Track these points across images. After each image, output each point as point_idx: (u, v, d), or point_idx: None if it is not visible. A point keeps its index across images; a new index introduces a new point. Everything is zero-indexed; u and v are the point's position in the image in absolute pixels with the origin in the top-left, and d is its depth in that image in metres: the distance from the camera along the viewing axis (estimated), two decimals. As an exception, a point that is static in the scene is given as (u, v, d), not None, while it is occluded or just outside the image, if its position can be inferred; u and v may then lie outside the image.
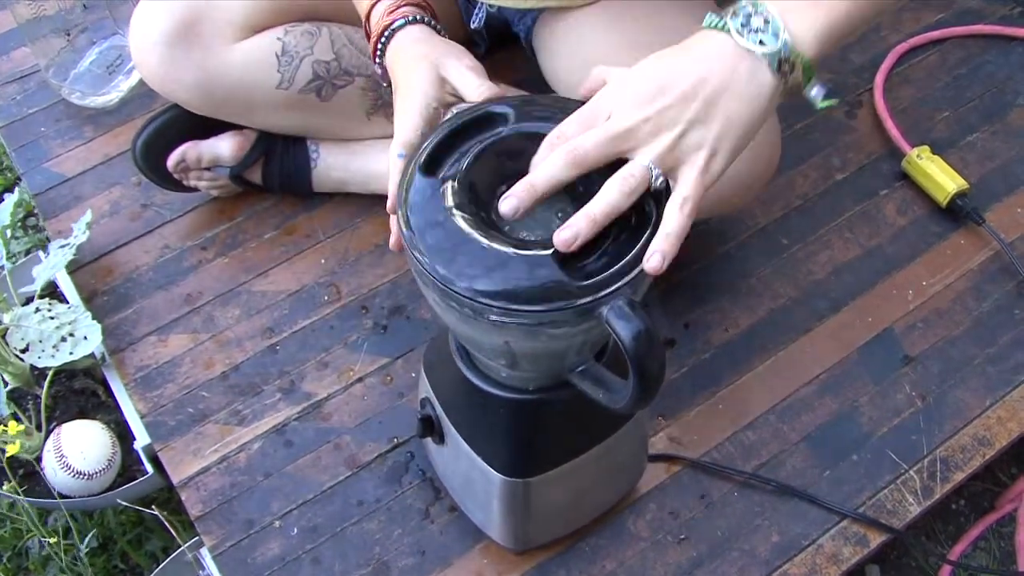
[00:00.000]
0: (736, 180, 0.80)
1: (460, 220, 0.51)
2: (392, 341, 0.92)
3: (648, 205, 0.53)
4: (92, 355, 0.90)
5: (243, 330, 0.93)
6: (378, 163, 0.98)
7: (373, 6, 0.67)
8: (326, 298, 0.95)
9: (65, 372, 0.92)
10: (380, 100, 0.94)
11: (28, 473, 0.88)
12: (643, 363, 0.49)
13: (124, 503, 0.86)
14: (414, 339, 0.92)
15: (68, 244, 0.92)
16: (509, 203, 0.51)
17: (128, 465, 0.89)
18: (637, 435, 0.77)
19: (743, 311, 0.94)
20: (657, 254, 0.52)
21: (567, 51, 0.87)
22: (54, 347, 0.87)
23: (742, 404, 0.89)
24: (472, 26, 0.97)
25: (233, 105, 0.91)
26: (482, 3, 0.95)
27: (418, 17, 0.66)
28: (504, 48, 1.04)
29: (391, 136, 0.93)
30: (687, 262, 0.98)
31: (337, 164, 0.98)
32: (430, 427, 0.73)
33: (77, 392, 0.92)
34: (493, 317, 0.50)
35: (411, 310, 0.94)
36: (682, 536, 0.81)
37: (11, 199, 0.97)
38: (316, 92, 0.90)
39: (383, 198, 0.99)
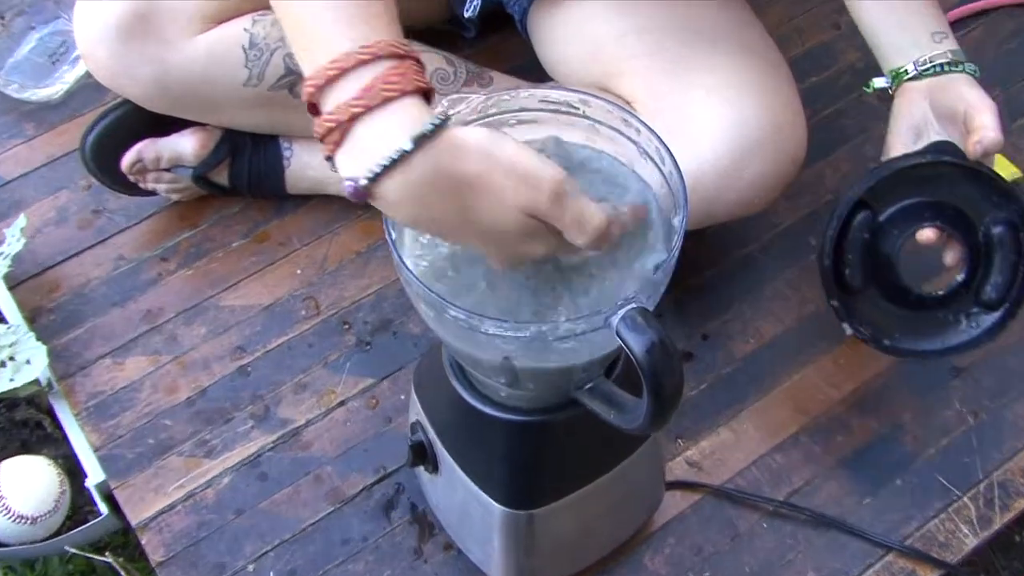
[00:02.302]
0: (758, 181, 0.82)
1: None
2: (377, 360, 0.94)
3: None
4: (36, 381, 0.91)
5: (210, 350, 0.95)
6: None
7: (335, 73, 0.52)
8: (303, 313, 0.97)
9: (5, 401, 0.93)
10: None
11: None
12: (658, 378, 0.51)
13: (73, 550, 0.87)
14: (402, 357, 0.94)
15: (1, 254, 0.93)
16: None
17: (79, 506, 0.90)
18: (653, 460, 0.79)
19: (768, 320, 0.97)
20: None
21: (567, 37, 0.90)
22: (-8, 373, 0.88)
23: (769, 424, 0.91)
24: (466, 14, 1.00)
25: (194, 103, 0.93)
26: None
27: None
28: (496, 32, 1.07)
29: None
30: (704, 267, 1.00)
31: (314, 163, 1.01)
32: (422, 454, 0.75)
33: (19, 424, 0.93)
34: (492, 330, 0.52)
35: (398, 325, 0.97)
36: (705, 574, 0.83)
37: (-61, 208, 0.99)
38: (289, 89, 0.92)
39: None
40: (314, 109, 0.52)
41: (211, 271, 1.00)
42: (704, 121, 0.81)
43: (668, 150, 0.57)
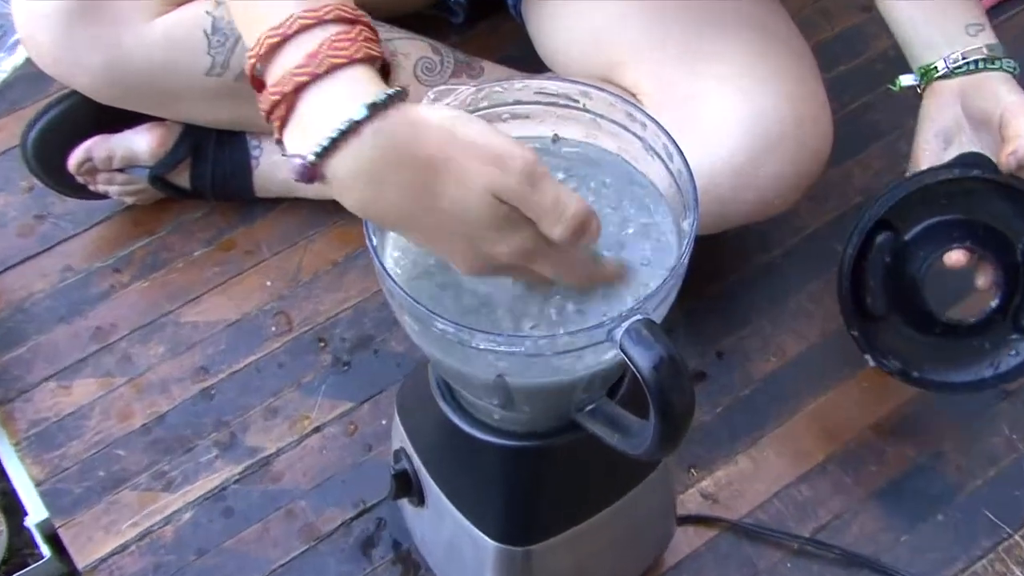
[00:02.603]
0: (777, 180, 0.84)
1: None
2: (356, 381, 0.96)
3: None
4: (-29, 407, 0.93)
5: (168, 371, 0.97)
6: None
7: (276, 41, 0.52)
8: (273, 329, 0.99)
9: (-63, 431, 0.94)
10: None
11: None
12: (666, 397, 0.53)
13: (11, 597, 0.88)
14: (384, 378, 0.96)
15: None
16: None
17: (17, 548, 0.91)
18: (663, 491, 0.81)
19: (790, 335, 0.99)
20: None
21: (567, 23, 0.92)
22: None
23: (793, 451, 0.93)
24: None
25: (151, 95, 0.94)
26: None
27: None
28: (487, 17, 1.09)
29: None
30: (719, 276, 1.03)
31: (284, 163, 1.03)
32: (406, 485, 0.77)
33: (-49, 457, 0.94)
34: (483, 344, 0.54)
35: (380, 342, 0.99)
36: (722, 618, 0.86)
37: None
38: None
39: (341, 204, 1.03)
40: (259, 84, 0.53)
41: (170, 283, 1.02)
42: (717, 114, 0.83)
43: (677, 146, 0.59)
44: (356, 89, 0.51)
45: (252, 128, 1.02)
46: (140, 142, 0.99)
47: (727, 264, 1.03)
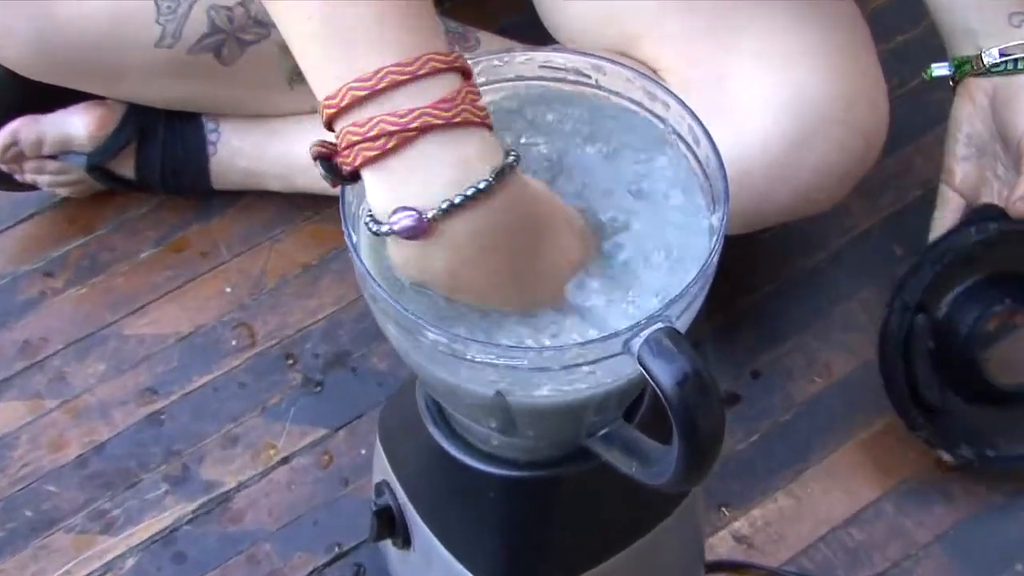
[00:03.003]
0: (823, 170, 0.86)
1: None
2: (331, 404, 0.98)
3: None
4: None
5: (110, 393, 0.98)
6: (305, 147, 1.03)
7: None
8: (234, 343, 1.01)
9: None
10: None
11: None
12: (691, 417, 0.54)
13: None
14: (363, 400, 0.98)
15: None
16: None
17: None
18: (689, 533, 0.82)
19: (838, 352, 1.01)
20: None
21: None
22: None
23: (843, 488, 0.94)
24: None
25: (89, 70, 0.96)
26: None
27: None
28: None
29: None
30: (755, 284, 1.04)
31: (247, 150, 1.05)
32: (389, 524, 0.78)
33: None
34: (480, 356, 0.56)
35: (358, 359, 1.00)
36: None
37: None
38: (214, 51, 0.96)
39: (313, 198, 1.06)
40: (343, 109, 0.52)
41: (112, 290, 1.04)
42: (750, 94, 0.85)
43: (704, 129, 0.61)
44: (485, 148, 0.53)
45: (208, 109, 1.03)
46: (76, 124, 1.01)
47: (763, 271, 1.05)
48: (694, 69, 0.87)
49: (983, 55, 0.87)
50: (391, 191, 0.53)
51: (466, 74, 0.54)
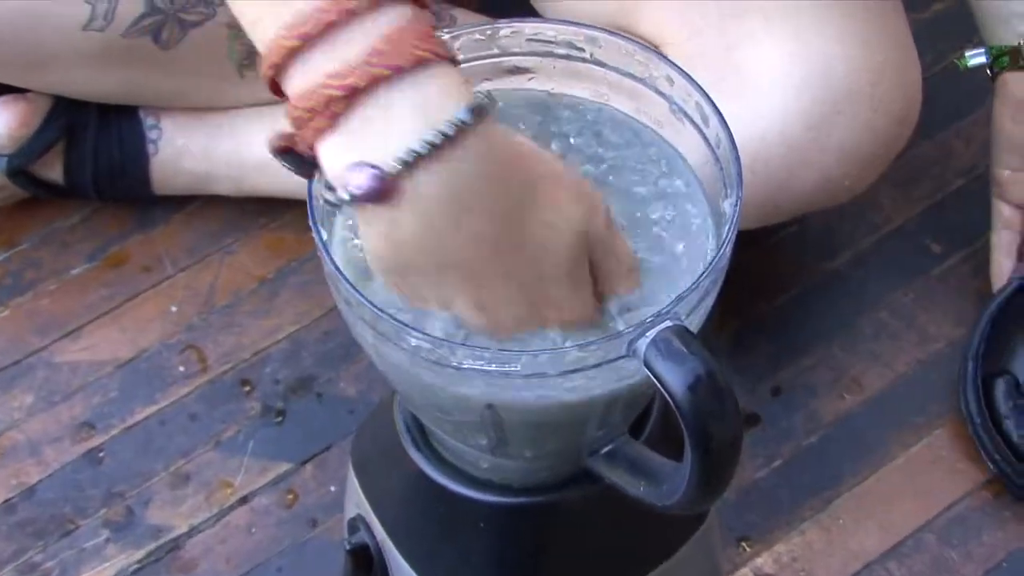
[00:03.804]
0: (847, 154, 0.87)
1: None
2: (294, 435, 0.99)
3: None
4: None
5: (40, 428, 0.99)
6: (260, 145, 1.04)
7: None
8: (182, 369, 1.02)
9: None
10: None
11: None
12: (705, 425, 0.55)
13: None
14: (332, 430, 0.99)
15: None
16: None
17: None
18: (705, 568, 0.83)
19: (870, 365, 1.02)
20: None
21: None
22: None
23: (879, 517, 0.96)
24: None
25: (6, 58, 0.96)
26: None
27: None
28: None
29: (275, 101, 0.99)
30: (773, 288, 1.06)
31: (193, 149, 1.06)
32: (365, 565, 0.78)
33: None
34: (468, 363, 0.57)
35: (325, 383, 1.01)
36: None
37: None
38: (152, 35, 0.97)
39: (269, 203, 1.06)
40: (278, 67, 0.52)
41: (39, 311, 1.04)
42: (765, 68, 0.86)
43: (714, 106, 0.62)
44: (452, 89, 0.52)
45: (147, 102, 1.04)
46: (-5, 122, 1.01)
47: (782, 274, 1.07)
48: (700, 41, 0.88)
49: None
50: (345, 150, 0.52)
51: (416, 2, 0.52)
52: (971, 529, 0.96)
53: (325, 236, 0.61)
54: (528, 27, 0.65)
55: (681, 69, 0.64)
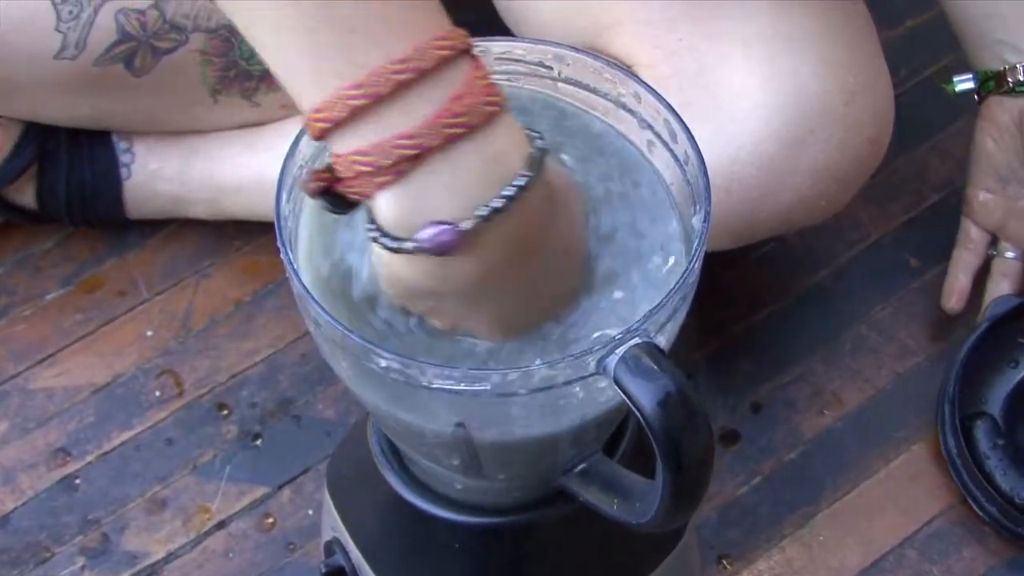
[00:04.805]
0: (822, 173, 0.87)
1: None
2: (272, 459, 0.99)
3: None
4: None
5: (15, 455, 0.99)
6: (234, 167, 1.06)
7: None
8: (158, 394, 1.02)
9: None
10: (233, 69, 1.01)
11: None
12: (676, 442, 0.55)
13: None
14: (309, 453, 0.99)
15: None
16: None
17: None
18: (684, 587, 0.84)
19: (849, 380, 1.03)
20: None
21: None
22: None
23: (859, 534, 0.96)
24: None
25: None
26: None
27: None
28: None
29: (248, 124, 0.97)
30: (752, 306, 1.06)
31: (166, 172, 1.06)
32: (342, 587, 0.79)
33: None
34: (437, 382, 0.57)
35: (302, 406, 1.02)
36: None
37: None
38: (125, 62, 0.97)
39: (244, 226, 1.06)
40: (338, 122, 0.51)
41: (13, 337, 1.05)
42: (738, 88, 0.86)
43: (682, 123, 0.63)
44: (518, 141, 0.54)
45: (120, 127, 1.05)
46: (-36, 148, 1.01)
47: (762, 290, 1.07)
48: (673, 63, 0.88)
49: (1009, 72, 0.90)
50: (412, 204, 0.52)
51: (470, 50, 0.53)
52: (951, 544, 0.96)
53: (292, 255, 0.61)
54: (496, 46, 0.66)
55: (649, 86, 0.64)
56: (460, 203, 0.52)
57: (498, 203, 0.52)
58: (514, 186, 0.53)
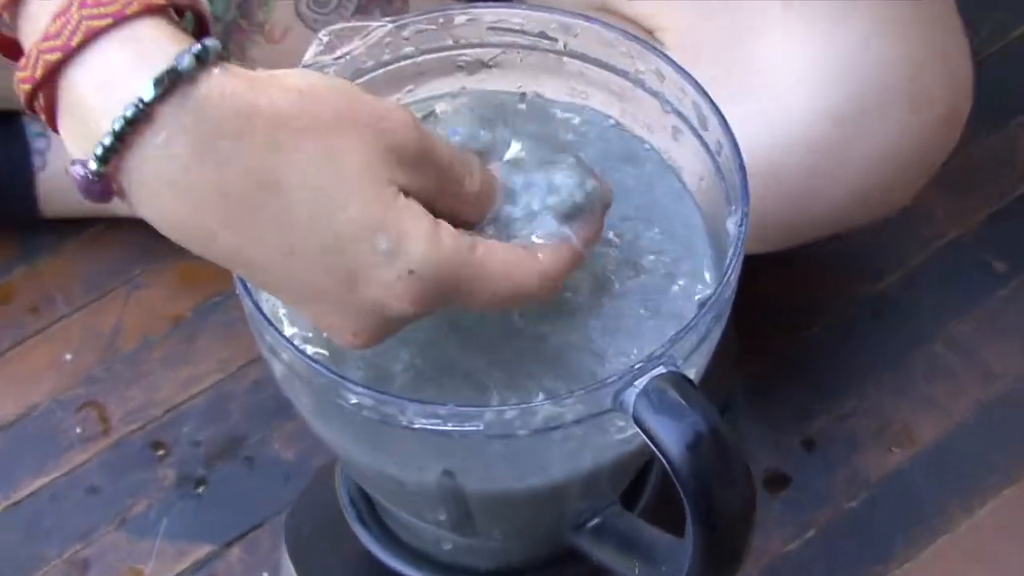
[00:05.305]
0: (884, 155, 0.88)
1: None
2: (218, 510, 0.99)
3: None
4: None
5: (-94, 503, 0.99)
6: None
7: None
8: (79, 431, 1.03)
9: None
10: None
11: None
12: (709, 494, 0.56)
13: None
14: (263, 503, 0.99)
15: None
16: None
17: None
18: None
19: (921, 410, 1.03)
20: None
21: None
22: None
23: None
24: None
25: None
26: None
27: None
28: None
29: None
30: (802, 321, 1.07)
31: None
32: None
33: None
34: (420, 422, 0.57)
35: (256, 444, 1.02)
36: None
37: None
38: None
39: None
40: (10, 49, 0.57)
41: (-97, 362, 1.05)
42: (783, 60, 0.87)
43: (713, 105, 0.63)
44: (138, 56, 0.55)
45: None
46: None
47: (813, 301, 1.08)
48: (704, 29, 0.89)
49: None
50: (67, 142, 0.56)
51: None
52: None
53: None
54: (488, 13, 0.67)
55: (674, 62, 0.65)
56: (80, 143, 0.55)
57: (107, 139, 0.54)
58: (122, 117, 0.54)
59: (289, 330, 0.63)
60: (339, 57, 0.66)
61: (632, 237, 0.66)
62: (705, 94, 0.64)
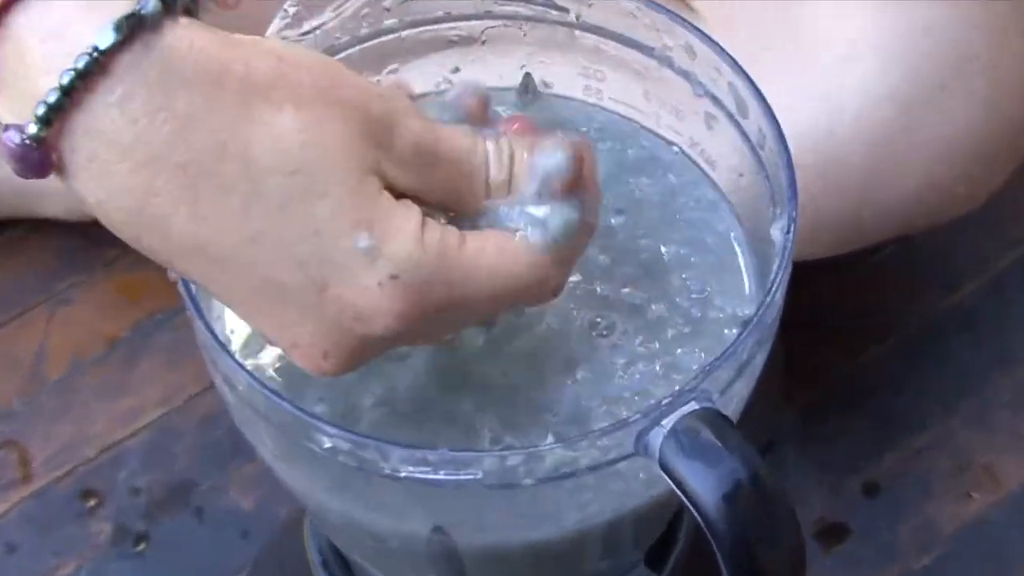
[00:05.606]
0: (959, 143, 0.88)
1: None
2: (163, 570, 0.99)
3: None
4: None
5: None
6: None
7: None
8: (-6, 477, 1.03)
9: None
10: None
11: None
12: (750, 554, 0.56)
13: None
14: (216, 562, 0.99)
15: None
16: None
17: None
18: None
19: (1006, 448, 1.03)
20: None
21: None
22: None
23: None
24: None
25: None
26: None
27: None
28: None
29: None
30: (862, 338, 1.07)
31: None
32: None
33: None
34: (406, 470, 0.58)
35: (206, 492, 1.02)
36: None
37: None
38: None
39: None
40: None
41: None
42: (837, 30, 0.87)
43: (754, 87, 0.63)
44: (89, 6, 0.55)
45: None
46: None
47: (875, 316, 1.08)
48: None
49: None
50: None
51: None
52: None
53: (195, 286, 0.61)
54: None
55: (708, 36, 0.65)
56: (16, 104, 0.55)
57: (52, 96, 0.53)
58: (72, 69, 0.53)
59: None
60: (307, 32, 0.66)
61: (655, 254, 0.66)
62: (745, 74, 0.64)
